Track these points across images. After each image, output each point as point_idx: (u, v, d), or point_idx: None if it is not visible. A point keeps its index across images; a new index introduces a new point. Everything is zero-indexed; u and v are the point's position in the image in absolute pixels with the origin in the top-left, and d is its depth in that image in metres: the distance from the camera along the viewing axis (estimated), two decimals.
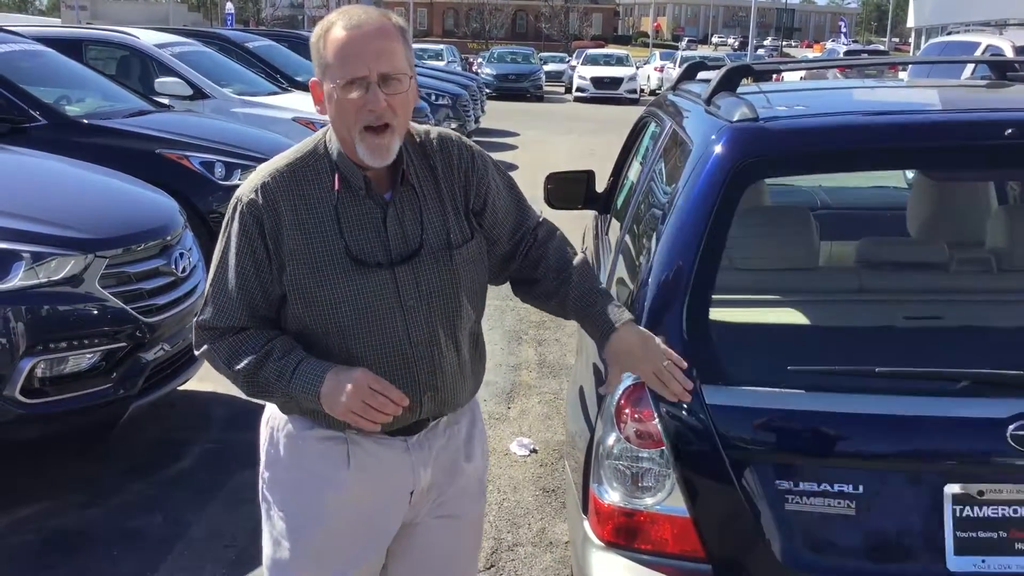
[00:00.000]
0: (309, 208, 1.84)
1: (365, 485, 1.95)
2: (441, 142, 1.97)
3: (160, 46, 9.22)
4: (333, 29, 1.79)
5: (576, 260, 2.04)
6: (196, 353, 1.94)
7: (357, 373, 1.77)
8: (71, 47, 8.05)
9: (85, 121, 6.32)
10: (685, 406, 1.97)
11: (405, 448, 1.96)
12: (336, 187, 1.85)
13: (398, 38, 1.81)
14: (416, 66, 2.06)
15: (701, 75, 3.65)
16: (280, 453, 1.98)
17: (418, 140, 1.96)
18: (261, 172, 1.87)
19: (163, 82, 8.52)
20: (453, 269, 1.90)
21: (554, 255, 2.04)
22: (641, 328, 1.97)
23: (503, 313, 6.31)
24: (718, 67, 2.84)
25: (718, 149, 2.23)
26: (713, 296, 2.09)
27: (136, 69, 9.05)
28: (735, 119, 2.28)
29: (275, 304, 1.87)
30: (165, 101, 7.90)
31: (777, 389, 1.98)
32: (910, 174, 3.49)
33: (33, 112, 5.99)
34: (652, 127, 3.51)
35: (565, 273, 2.01)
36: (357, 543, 1.98)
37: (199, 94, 8.69)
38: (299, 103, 9.07)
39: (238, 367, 1.85)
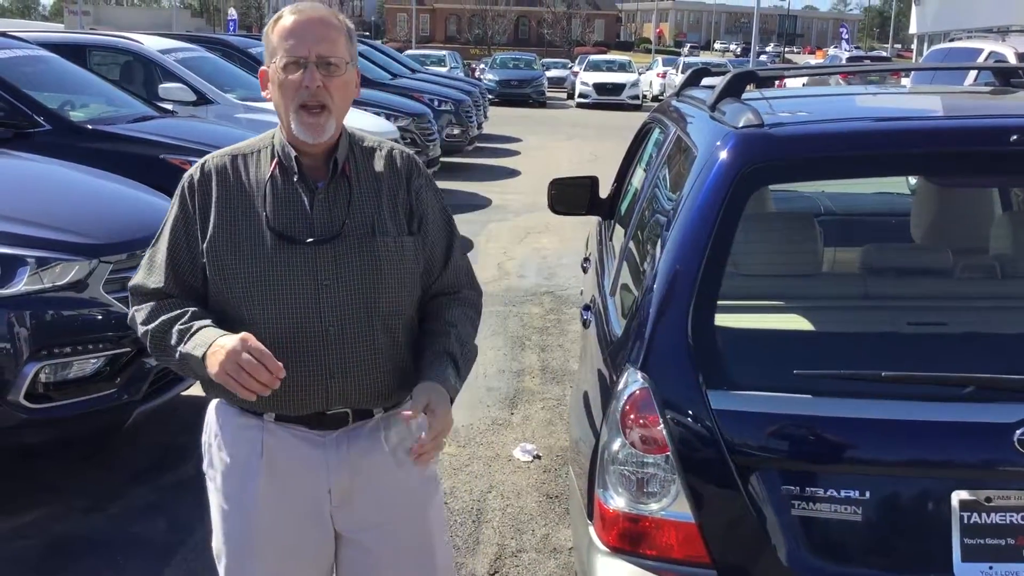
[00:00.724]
0: (242, 188, 1.94)
1: (277, 476, 1.97)
2: (391, 150, 2.05)
3: (163, 52, 9.22)
4: (282, 18, 1.91)
5: (469, 325, 2.06)
6: (128, 320, 2.01)
7: (239, 336, 1.78)
8: (75, 52, 8.05)
9: (89, 126, 6.31)
10: (691, 411, 1.97)
11: (321, 443, 1.97)
12: (271, 169, 1.93)
13: (341, 30, 1.91)
14: (418, 72, 2.09)
15: (705, 81, 3.66)
16: (210, 439, 2.05)
17: (368, 145, 2.03)
18: (208, 155, 1.99)
19: (167, 87, 8.52)
20: (375, 256, 1.93)
21: (461, 308, 2.07)
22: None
23: (506, 319, 6.30)
24: (722, 73, 2.84)
25: (723, 155, 2.23)
26: (718, 301, 2.09)
27: (140, 75, 9.06)
28: (740, 125, 2.29)
29: (201, 275, 1.94)
30: (169, 106, 7.91)
31: (782, 394, 1.98)
32: (914, 180, 3.49)
33: (37, 117, 5.98)
34: (656, 133, 3.51)
35: (455, 328, 2.02)
36: (283, 537, 1.99)
37: (202, 99, 8.69)
38: None
39: (150, 327, 1.92)
